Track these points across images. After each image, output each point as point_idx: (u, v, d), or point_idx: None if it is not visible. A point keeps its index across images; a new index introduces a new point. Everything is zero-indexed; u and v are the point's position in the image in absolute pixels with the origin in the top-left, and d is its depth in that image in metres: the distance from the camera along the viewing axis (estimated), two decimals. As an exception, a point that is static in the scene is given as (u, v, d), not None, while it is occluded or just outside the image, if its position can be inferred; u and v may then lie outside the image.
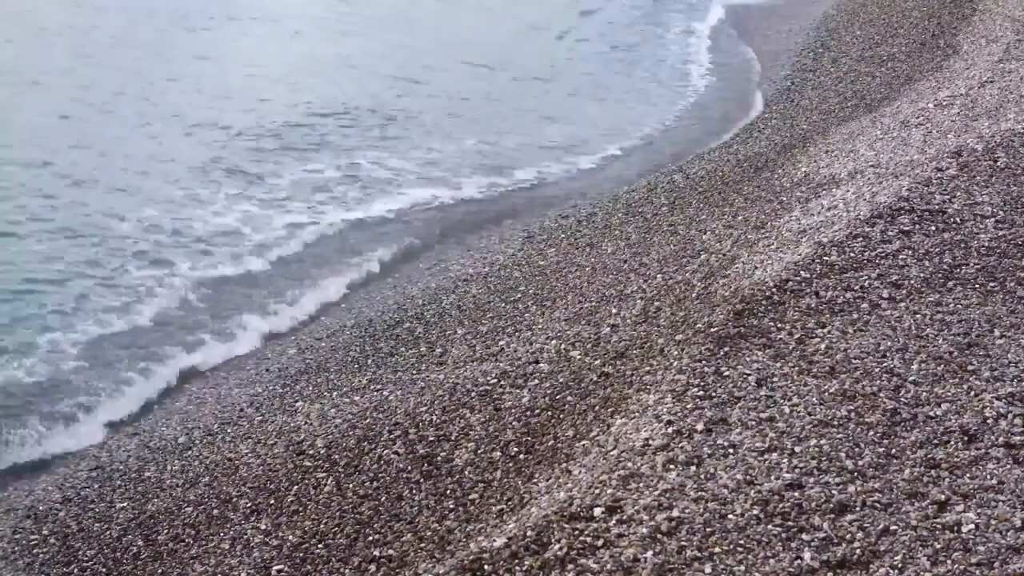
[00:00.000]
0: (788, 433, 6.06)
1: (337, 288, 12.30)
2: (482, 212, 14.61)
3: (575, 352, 8.47)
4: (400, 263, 13.01)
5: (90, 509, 8.04)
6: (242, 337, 10.96)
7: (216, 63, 21.29)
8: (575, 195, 15.07)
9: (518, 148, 17.16)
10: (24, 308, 11.13)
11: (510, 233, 13.32)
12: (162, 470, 8.41)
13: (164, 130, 16.98)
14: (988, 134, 11.32)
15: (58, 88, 18.55)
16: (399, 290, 11.85)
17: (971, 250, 8.50)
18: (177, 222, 13.50)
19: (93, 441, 9.25)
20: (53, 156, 15.26)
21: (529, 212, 14.46)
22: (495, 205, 14.91)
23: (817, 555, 5.11)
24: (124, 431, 9.36)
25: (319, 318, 11.58)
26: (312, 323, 11.48)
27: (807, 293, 7.81)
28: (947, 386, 6.60)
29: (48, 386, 9.80)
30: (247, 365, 10.42)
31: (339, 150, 16.60)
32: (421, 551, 6.43)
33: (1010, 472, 5.75)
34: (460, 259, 12.55)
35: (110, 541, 7.61)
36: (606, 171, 16.50)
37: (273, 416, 8.94)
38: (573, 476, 6.22)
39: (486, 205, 14.92)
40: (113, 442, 9.15)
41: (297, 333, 11.19)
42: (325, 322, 11.34)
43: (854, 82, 18.23)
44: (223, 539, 7.30)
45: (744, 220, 10.82)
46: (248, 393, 9.61)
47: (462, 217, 14.41)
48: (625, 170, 16.30)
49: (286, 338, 11.06)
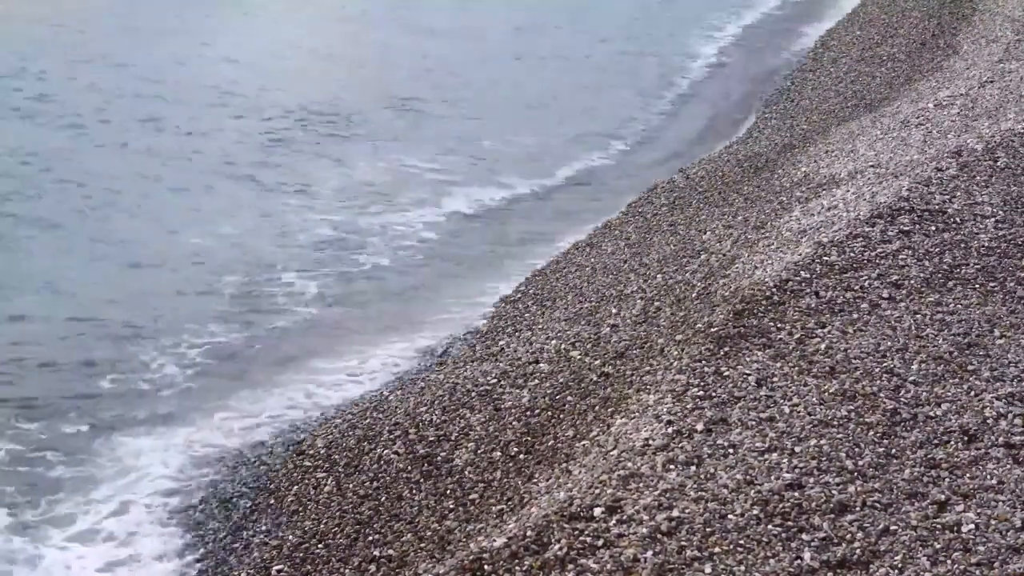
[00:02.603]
0: (788, 433, 6.05)
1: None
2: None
3: (575, 352, 8.47)
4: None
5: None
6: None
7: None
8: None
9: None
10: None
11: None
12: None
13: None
14: (988, 134, 11.32)
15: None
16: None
17: (971, 250, 8.50)
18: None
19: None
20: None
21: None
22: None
23: (817, 555, 5.11)
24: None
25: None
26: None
27: (807, 293, 7.81)
28: (947, 386, 6.60)
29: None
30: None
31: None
32: (421, 551, 6.43)
33: (1010, 472, 5.75)
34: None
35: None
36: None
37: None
38: (573, 476, 6.21)
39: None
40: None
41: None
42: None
43: (854, 82, 18.23)
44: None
45: (744, 220, 10.81)
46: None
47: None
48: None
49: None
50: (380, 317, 11.21)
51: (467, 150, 16.91)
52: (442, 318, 10.97)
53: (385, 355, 10.24)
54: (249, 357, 10.42)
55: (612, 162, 16.93)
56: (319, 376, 9.92)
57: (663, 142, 17.98)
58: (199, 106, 18.11)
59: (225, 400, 9.55)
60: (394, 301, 11.65)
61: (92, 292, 11.47)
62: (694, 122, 19.10)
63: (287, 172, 15.40)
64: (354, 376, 9.90)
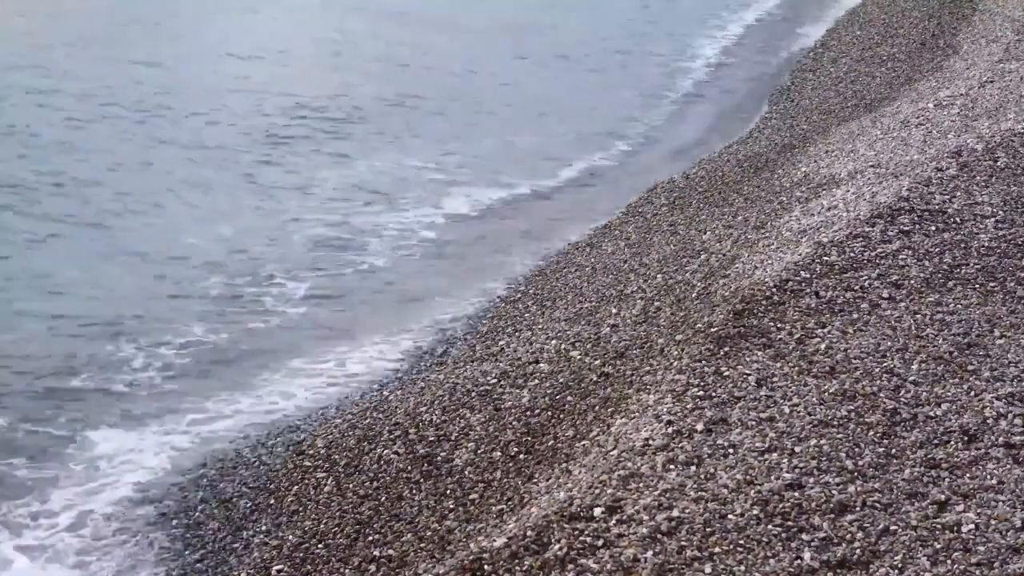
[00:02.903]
0: (788, 433, 6.05)
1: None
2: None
3: (575, 352, 8.46)
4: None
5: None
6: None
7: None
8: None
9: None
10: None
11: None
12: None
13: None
14: (988, 134, 11.32)
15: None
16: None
17: (971, 250, 8.49)
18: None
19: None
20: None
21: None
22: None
23: (817, 555, 5.11)
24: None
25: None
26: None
27: (807, 293, 7.81)
28: (947, 386, 6.60)
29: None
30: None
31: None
32: (421, 551, 6.43)
33: (1010, 472, 5.75)
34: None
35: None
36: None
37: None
38: (573, 476, 6.21)
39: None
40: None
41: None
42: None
43: (854, 82, 18.24)
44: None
45: (744, 220, 10.82)
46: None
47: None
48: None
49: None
50: (379, 316, 11.19)
51: (467, 150, 16.91)
52: (442, 318, 10.97)
53: (383, 355, 10.23)
54: (231, 358, 10.29)
55: (614, 162, 16.92)
56: (300, 378, 9.88)
57: (665, 142, 17.97)
58: (199, 102, 18.12)
59: (202, 400, 9.48)
60: (393, 300, 11.64)
61: (76, 289, 11.44)
62: (696, 122, 19.09)
63: (285, 170, 15.41)
64: (336, 377, 9.87)
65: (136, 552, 7.49)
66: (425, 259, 12.87)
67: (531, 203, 14.97)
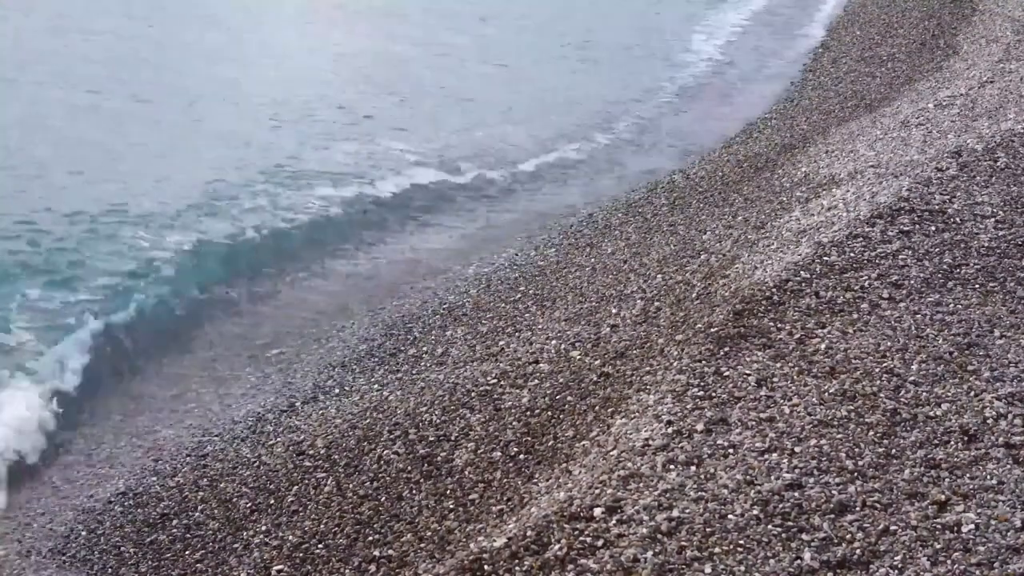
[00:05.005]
0: (788, 433, 6.06)
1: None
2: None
3: (575, 352, 8.47)
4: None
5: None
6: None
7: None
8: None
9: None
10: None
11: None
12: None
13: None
14: (988, 134, 11.32)
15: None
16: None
17: (971, 250, 8.50)
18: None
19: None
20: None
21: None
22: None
23: (817, 555, 5.11)
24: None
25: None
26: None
27: (807, 293, 7.81)
28: (947, 386, 6.60)
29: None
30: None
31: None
32: (421, 551, 6.43)
33: (1010, 472, 5.75)
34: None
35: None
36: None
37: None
38: (573, 476, 6.22)
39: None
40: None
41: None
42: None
43: (854, 82, 18.24)
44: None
45: (744, 220, 10.82)
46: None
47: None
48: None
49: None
50: (378, 316, 11.19)
51: (463, 144, 16.91)
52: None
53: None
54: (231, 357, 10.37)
55: (615, 163, 16.93)
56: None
57: (666, 142, 17.98)
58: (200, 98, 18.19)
59: (202, 399, 9.50)
60: (391, 300, 11.64)
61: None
62: (697, 122, 19.10)
63: (281, 164, 15.42)
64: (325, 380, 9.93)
65: (136, 552, 7.49)
66: (423, 258, 12.88)
67: (530, 202, 15.00)
